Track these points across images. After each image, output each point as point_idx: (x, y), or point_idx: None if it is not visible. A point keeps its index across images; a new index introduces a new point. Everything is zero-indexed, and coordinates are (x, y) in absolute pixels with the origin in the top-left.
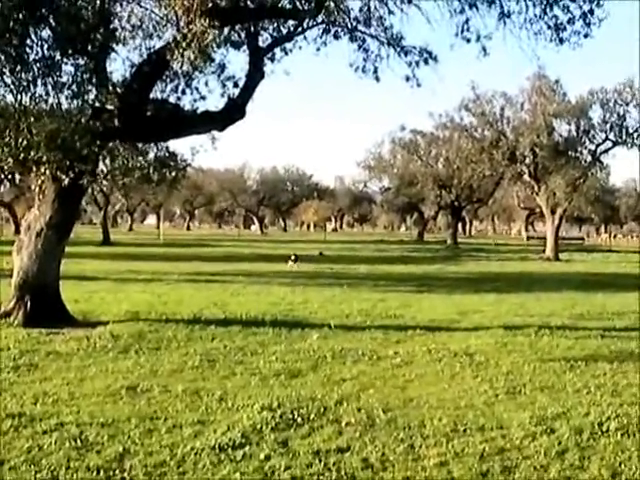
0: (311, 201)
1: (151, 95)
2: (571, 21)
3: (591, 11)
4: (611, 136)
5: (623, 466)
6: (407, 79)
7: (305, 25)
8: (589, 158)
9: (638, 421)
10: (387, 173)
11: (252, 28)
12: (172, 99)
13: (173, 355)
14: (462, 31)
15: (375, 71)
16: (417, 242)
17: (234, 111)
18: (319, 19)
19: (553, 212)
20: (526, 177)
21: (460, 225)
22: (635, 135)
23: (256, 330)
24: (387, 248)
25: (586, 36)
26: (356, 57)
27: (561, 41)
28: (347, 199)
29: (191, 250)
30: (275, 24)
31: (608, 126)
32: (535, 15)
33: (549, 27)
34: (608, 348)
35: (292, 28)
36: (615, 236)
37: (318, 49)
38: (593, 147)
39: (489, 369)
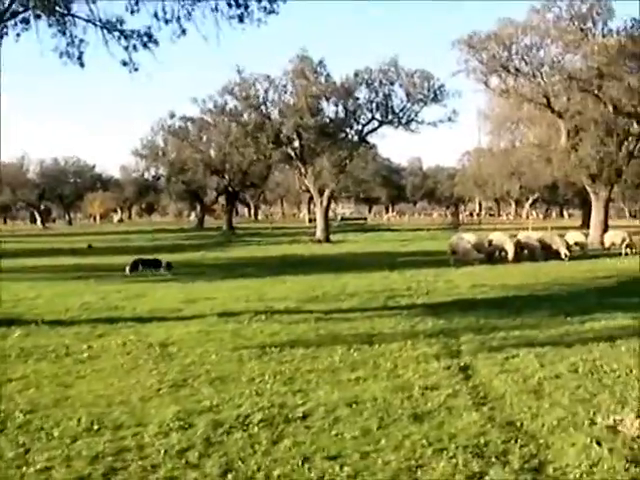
0: (96, 193)
1: None
2: None
3: None
4: (377, 116)
5: (240, 462)
6: (124, 64)
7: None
8: (356, 138)
9: (290, 411)
10: (160, 161)
11: None
12: None
13: None
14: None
15: (80, 57)
16: (197, 229)
17: None
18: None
19: (322, 194)
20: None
21: (247, 210)
22: (400, 114)
23: None
24: (164, 237)
25: (270, 12)
26: (58, 41)
27: (241, 19)
28: (132, 189)
29: None
30: None
31: (374, 106)
32: None
33: (229, 4)
34: (316, 332)
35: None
36: (402, 215)
37: (18, 34)
38: (360, 127)
39: (174, 361)
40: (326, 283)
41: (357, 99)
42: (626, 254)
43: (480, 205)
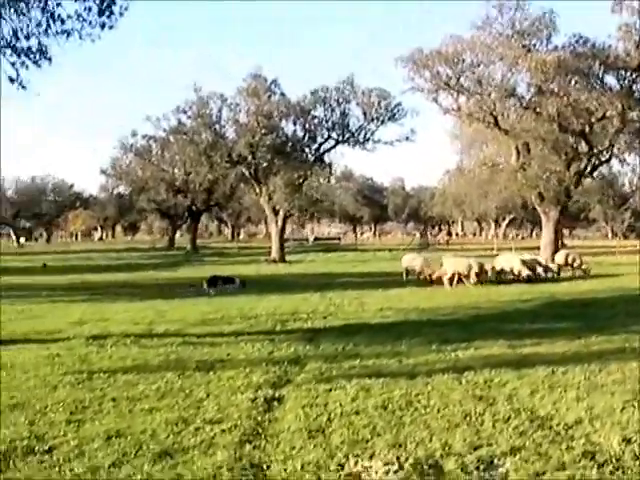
0: (76, 210)
1: None
2: (87, 10)
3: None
4: (334, 135)
5: None
6: (11, 80)
7: None
8: (312, 157)
9: (42, 443)
10: (124, 180)
11: None
12: None
13: None
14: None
15: None
16: (167, 249)
17: None
18: None
19: (277, 213)
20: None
21: (230, 230)
22: (357, 133)
23: None
24: (129, 256)
25: (103, 27)
26: None
27: (67, 34)
28: (112, 207)
29: None
30: None
31: (330, 124)
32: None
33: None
34: (166, 357)
35: None
36: (386, 234)
37: None
38: (316, 146)
39: None
40: (239, 305)
41: (314, 118)
42: (580, 275)
43: (462, 225)
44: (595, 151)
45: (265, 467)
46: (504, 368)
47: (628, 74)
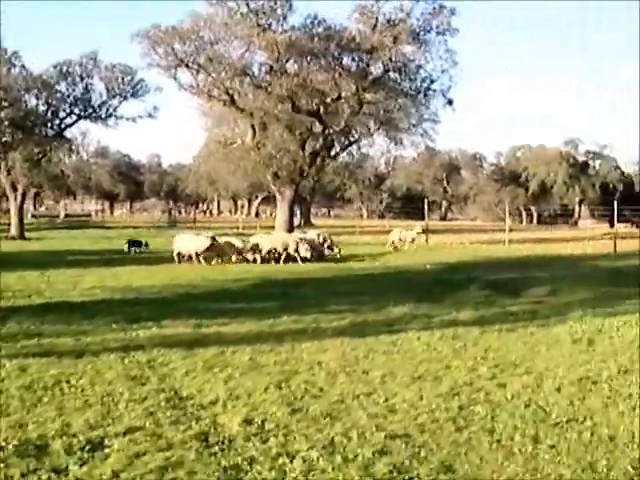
0: None
1: None
2: None
3: None
4: (76, 110)
5: None
6: None
7: None
8: (53, 133)
9: None
10: None
11: None
12: None
13: None
14: None
15: None
16: None
17: None
18: None
19: (16, 189)
20: None
21: None
22: (99, 109)
23: None
24: None
25: None
26: None
27: None
28: None
29: None
30: None
31: (73, 99)
32: None
33: None
34: None
35: None
36: (142, 211)
37: None
38: (58, 121)
39: None
40: None
41: (57, 92)
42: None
43: (219, 203)
44: (330, 132)
45: None
46: (176, 348)
47: (364, 56)
